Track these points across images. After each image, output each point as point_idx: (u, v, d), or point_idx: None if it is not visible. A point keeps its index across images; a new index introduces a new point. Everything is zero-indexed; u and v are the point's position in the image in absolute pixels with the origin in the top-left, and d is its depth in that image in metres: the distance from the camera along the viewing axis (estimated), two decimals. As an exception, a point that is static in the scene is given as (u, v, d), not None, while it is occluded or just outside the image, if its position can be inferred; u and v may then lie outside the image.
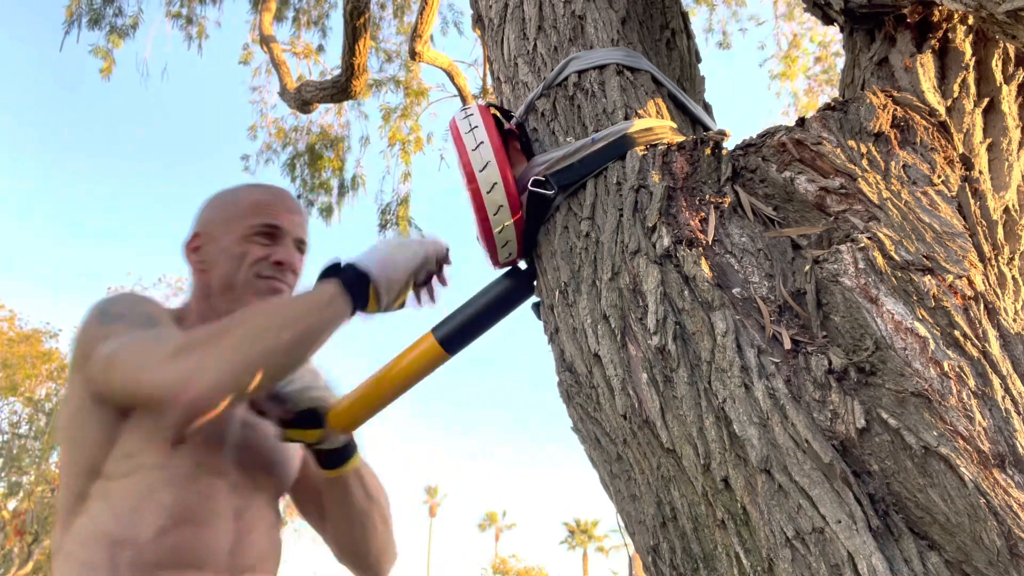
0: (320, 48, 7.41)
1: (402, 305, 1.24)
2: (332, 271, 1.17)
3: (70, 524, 1.10)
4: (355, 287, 1.13)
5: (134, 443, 1.11)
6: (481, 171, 1.12)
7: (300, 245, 1.36)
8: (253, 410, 1.22)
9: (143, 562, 1.06)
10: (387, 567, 1.39)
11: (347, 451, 1.26)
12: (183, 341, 1.06)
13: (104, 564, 1.05)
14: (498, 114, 1.21)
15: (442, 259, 1.24)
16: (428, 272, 1.22)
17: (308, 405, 1.18)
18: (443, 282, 1.27)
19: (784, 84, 7.32)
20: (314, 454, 1.26)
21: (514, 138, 1.22)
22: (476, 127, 1.15)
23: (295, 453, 1.32)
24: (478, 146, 1.13)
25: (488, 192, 1.12)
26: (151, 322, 1.16)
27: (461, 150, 1.14)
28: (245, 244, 1.29)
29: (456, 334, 1.18)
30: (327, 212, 7.23)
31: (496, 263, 1.23)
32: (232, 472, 1.18)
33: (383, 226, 7.04)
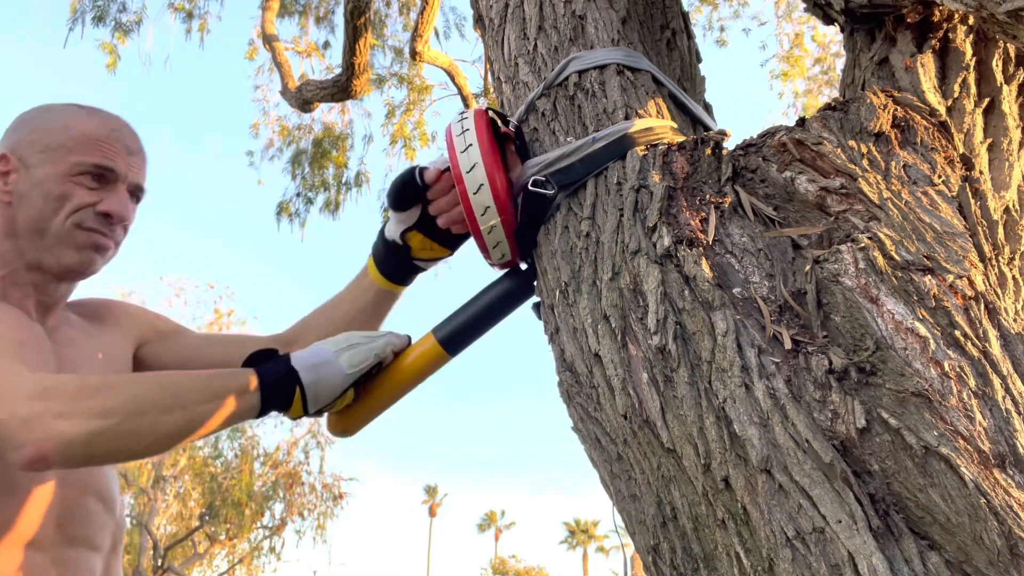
0: (327, 44, 7.42)
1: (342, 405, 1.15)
2: (259, 359, 1.07)
3: None
4: (277, 388, 1.04)
5: None
6: (468, 172, 1.12)
7: (137, 193, 1.19)
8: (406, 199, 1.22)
9: None
10: None
11: (414, 276, 1.29)
12: (52, 382, 0.94)
13: None
14: (496, 118, 1.21)
15: (399, 350, 1.17)
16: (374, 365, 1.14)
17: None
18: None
19: (786, 84, 7.33)
20: (396, 265, 1.26)
21: (511, 141, 1.22)
22: (467, 130, 1.15)
23: None
24: (467, 148, 1.13)
25: (474, 193, 1.12)
26: None
27: (451, 152, 1.15)
28: (67, 184, 1.10)
29: (457, 335, 1.18)
30: (330, 209, 7.24)
31: (491, 263, 1.23)
32: None
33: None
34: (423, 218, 1.23)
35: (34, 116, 1.17)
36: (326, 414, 1.16)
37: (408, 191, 1.19)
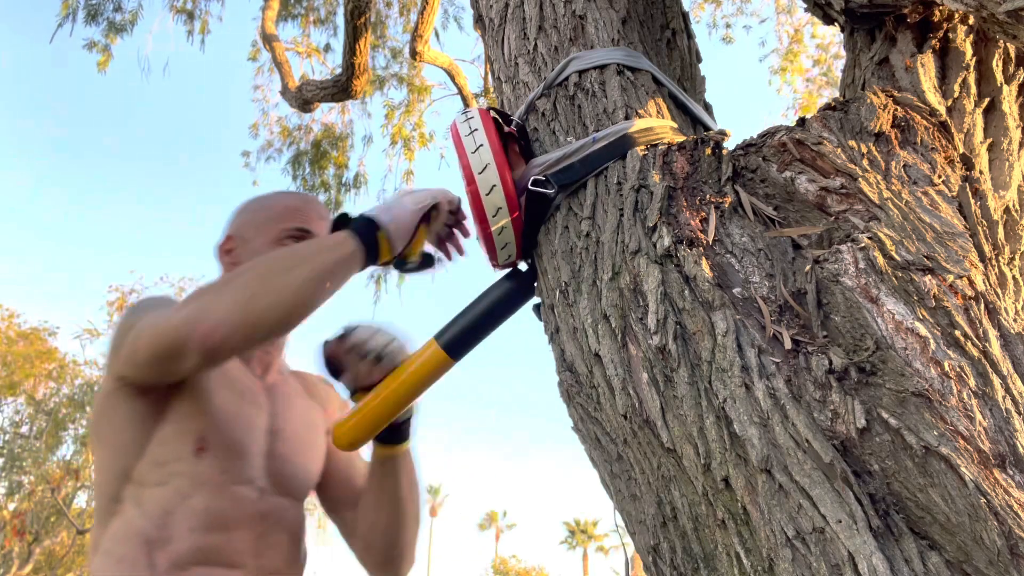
0: (328, 47, 7.42)
1: (425, 259, 1.24)
2: (340, 222, 1.18)
3: (107, 524, 1.15)
4: (362, 230, 1.14)
5: (165, 453, 1.15)
6: (480, 173, 1.12)
7: None
8: (331, 372, 1.24)
9: (177, 560, 1.11)
10: (408, 565, 1.40)
11: (407, 429, 1.28)
12: (194, 292, 1.09)
13: (142, 561, 1.10)
14: (498, 118, 1.22)
15: (454, 207, 1.24)
16: (445, 223, 1.23)
17: (398, 359, 1.20)
18: (464, 233, 1.28)
19: (784, 79, 7.32)
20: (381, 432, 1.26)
21: (514, 141, 1.22)
22: (476, 130, 1.15)
23: (318, 456, 1.35)
24: (477, 148, 1.13)
25: (487, 194, 1.12)
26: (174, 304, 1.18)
27: (461, 153, 1.15)
28: (277, 247, 1.31)
29: (459, 339, 1.18)
30: (330, 208, 7.23)
31: (495, 265, 1.23)
32: (258, 478, 1.21)
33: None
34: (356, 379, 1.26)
35: (249, 203, 1.43)
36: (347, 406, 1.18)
37: (326, 366, 1.25)
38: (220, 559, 1.14)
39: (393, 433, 1.26)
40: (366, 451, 1.34)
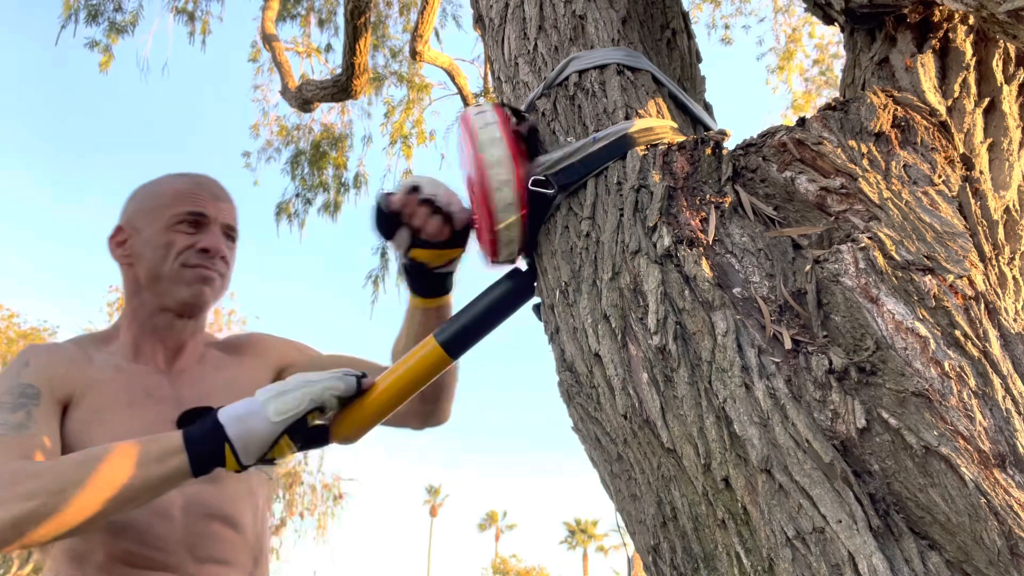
0: (328, 47, 7.42)
1: (306, 443, 1.12)
2: (188, 420, 1.08)
3: (47, 549, 1.17)
4: (204, 444, 1.04)
5: None
6: (493, 169, 1.12)
7: (229, 231, 1.35)
8: (384, 229, 1.22)
9: (103, 569, 1.13)
10: (449, 408, 1.41)
11: (450, 281, 1.28)
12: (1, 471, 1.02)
13: (70, 574, 1.13)
14: (510, 114, 1.21)
15: (344, 392, 1.12)
16: (330, 410, 1.12)
17: None
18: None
19: (781, 78, 7.32)
20: (421, 282, 1.26)
21: (520, 139, 1.22)
22: (491, 123, 1.14)
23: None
24: (492, 143, 1.13)
25: (498, 189, 1.11)
26: (14, 406, 1.12)
27: (474, 147, 1.14)
28: (169, 234, 1.28)
29: (458, 338, 1.18)
30: (329, 210, 7.23)
31: (493, 261, 1.22)
32: None
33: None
34: (415, 235, 1.23)
35: (137, 191, 1.38)
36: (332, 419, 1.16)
37: (381, 220, 1.22)
38: (141, 561, 1.14)
39: (432, 285, 1.24)
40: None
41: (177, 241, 1.28)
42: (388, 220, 1.21)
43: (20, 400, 1.13)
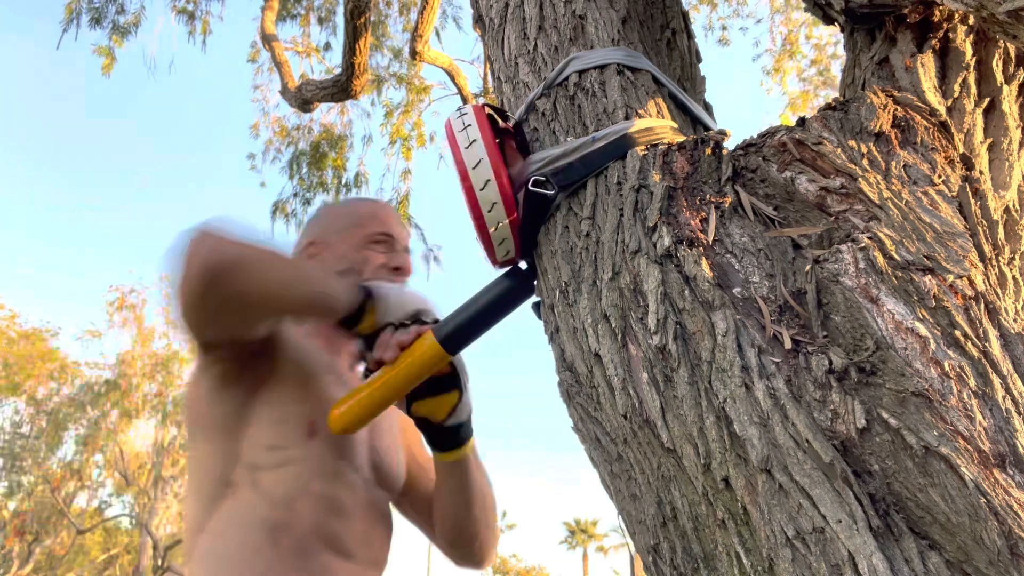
0: (327, 46, 7.42)
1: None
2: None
3: (215, 506, 1.14)
4: (361, 290, 1.15)
5: (277, 437, 1.15)
6: (474, 168, 1.12)
7: (408, 252, 1.43)
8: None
9: (300, 546, 1.11)
10: (491, 554, 1.41)
11: (467, 430, 1.27)
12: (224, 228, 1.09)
13: (266, 545, 1.09)
14: (494, 114, 1.22)
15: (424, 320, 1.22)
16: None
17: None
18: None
19: (775, 80, 7.33)
20: (435, 436, 1.26)
21: (510, 137, 1.22)
22: (469, 126, 1.15)
23: (402, 453, 1.37)
24: (471, 144, 1.13)
25: (481, 189, 1.12)
26: None
27: (454, 148, 1.15)
28: (364, 251, 1.35)
29: (457, 334, 1.18)
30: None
31: (494, 261, 1.22)
32: (364, 468, 1.23)
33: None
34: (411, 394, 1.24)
35: (328, 210, 1.48)
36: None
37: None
38: (339, 547, 1.15)
39: (446, 440, 1.25)
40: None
41: (372, 258, 1.35)
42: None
43: None
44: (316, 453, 1.15)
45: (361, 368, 1.39)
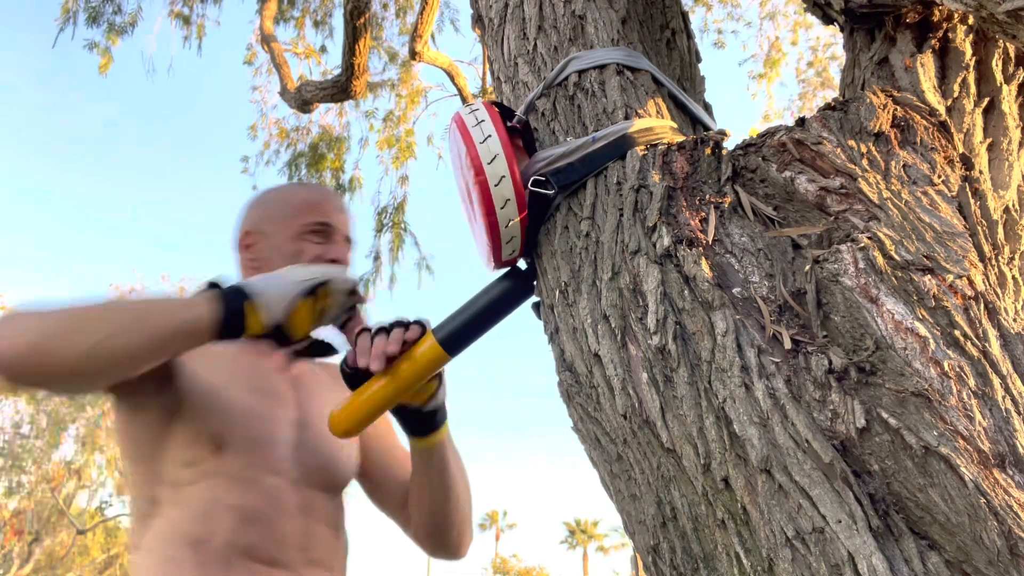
0: (323, 48, 7.41)
1: (317, 345, 1.23)
2: (210, 287, 1.15)
3: (147, 525, 1.16)
4: (228, 296, 1.09)
5: (189, 453, 1.15)
6: (489, 164, 1.11)
7: (348, 242, 1.38)
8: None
9: (221, 557, 1.11)
10: (467, 543, 1.40)
11: (441, 415, 1.26)
12: (22, 309, 1.05)
13: (188, 559, 1.10)
14: (500, 111, 1.21)
15: (349, 287, 1.19)
16: (341, 307, 1.19)
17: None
18: (358, 322, 1.23)
19: (760, 85, 7.35)
20: (411, 422, 1.25)
21: (516, 135, 1.22)
22: (483, 121, 1.14)
23: (350, 447, 1.34)
24: (486, 139, 1.12)
25: (496, 185, 1.11)
26: None
27: (469, 143, 1.14)
28: (299, 242, 1.31)
29: (457, 335, 1.18)
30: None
31: (498, 260, 1.22)
32: (289, 470, 1.21)
33: (379, 230, 7.05)
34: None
35: (264, 196, 1.42)
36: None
37: (350, 380, 1.20)
38: (259, 555, 1.14)
39: (423, 425, 1.24)
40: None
41: (307, 249, 1.31)
42: (357, 376, 1.19)
43: None
44: (226, 465, 1.15)
45: (336, 363, 1.37)
